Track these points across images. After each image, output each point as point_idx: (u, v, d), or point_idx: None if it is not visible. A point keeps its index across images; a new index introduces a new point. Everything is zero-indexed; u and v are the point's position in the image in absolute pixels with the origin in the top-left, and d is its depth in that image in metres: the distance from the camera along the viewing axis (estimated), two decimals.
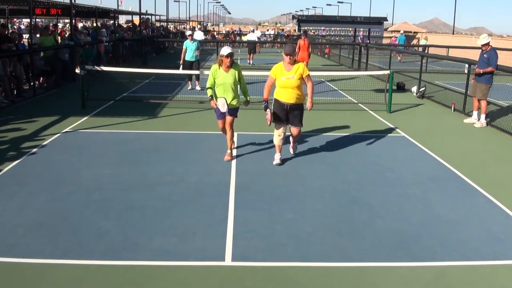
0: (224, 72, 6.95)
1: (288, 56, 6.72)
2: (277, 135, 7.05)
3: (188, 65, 14.01)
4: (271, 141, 8.49)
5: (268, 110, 6.83)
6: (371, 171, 6.82)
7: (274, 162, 7.02)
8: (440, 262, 4.32)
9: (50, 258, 4.19)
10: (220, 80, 6.94)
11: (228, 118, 7.11)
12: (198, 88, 14.07)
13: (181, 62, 14.13)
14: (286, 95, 6.78)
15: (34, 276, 3.94)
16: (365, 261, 4.30)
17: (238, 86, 7.13)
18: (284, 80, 6.75)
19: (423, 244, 4.63)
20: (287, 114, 6.88)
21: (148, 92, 13.53)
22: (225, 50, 6.85)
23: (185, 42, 14.26)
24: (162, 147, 7.83)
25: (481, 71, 9.86)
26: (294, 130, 7.07)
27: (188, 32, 15.05)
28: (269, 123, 6.90)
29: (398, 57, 25.32)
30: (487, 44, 10.00)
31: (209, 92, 7.16)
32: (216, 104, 7.04)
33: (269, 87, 6.86)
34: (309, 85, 6.86)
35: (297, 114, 6.91)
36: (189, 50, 13.96)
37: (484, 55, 9.94)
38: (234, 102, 7.08)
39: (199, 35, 27.20)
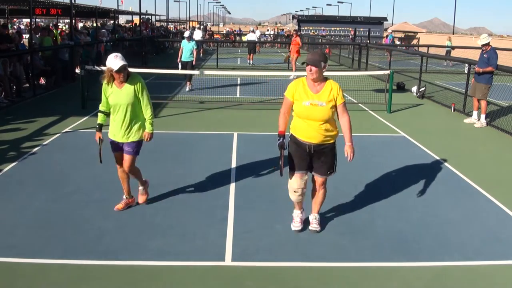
0: (116, 88, 4.88)
1: (315, 69, 4.34)
2: (292, 191, 4.66)
3: (183, 65, 14.19)
4: (271, 141, 8.48)
5: (282, 151, 4.54)
6: (371, 171, 6.81)
7: (293, 227, 4.81)
8: (440, 262, 4.32)
9: (50, 258, 4.19)
10: (111, 99, 4.91)
11: (125, 158, 5.03)
12: (187, 89, 14.11)
13: (178, 60, 14.32)
14: (308, 130, 4.47)
15: (34, 276, 3.93)
16: (365, 261, 4.30)
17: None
18: (307, 107, 4.41)
19: (423, 244, 4.63)
20: (310, 159, 4.60)
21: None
22: (113, 62, 4.71)
23: (182, 42, 14.48)
24: (162, 147, 7.82)
25: (481, 70, 9.86)
26: (319, 180, 4.71)
27: (186, 33, 15.15)
28: (281, 174, 4.64)
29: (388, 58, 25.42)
30: (487, 44, 10.00)
31: (99, 118, 5.06)
32: (100, 138, 5.05)
33: (287, 115, 4.57)
34: (345, 119, 4.49)
35: (325, 160, 4.58)
36: (184, 51, 14.12)
37: (484, 55, 9.94)
38: (132, 135, 4.95)
39: (198, 35, 27.22)
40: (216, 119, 10.12)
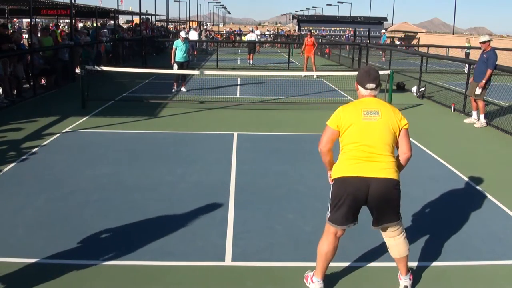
0: None
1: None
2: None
3: (179, 66, 13.76)
4: (271, 141, 8.49)
5: None
6: None
7: None
8: (440, 262, 4.32)
9: (50, 258, 4.19)
10: None
11: None
12: (184, 89, 13.95)
13: (172, 62, 13.83)
14: None
15: (34, 276, 3.93)
16: (365, 261, 4.30)
17: None
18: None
19: (423, 244, 4.63)
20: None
21: (148, 92, 13.53)
22: None
23: (175, 42, 14.04)
24: (162, 147, 7.82)
25: (483, 81, 9.74)
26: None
27: (182, 33, 14.93)
28: None
29: (383, 58, 25.52)
30: (487, 43, 9.96)
31: None
32: None
33: None
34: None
35: None
36: (179, 50, 13.75)
37: (484, 55, 9.93)
38: None
39: (193, 35, 27.20)
40: (216, 119, 10.13)
